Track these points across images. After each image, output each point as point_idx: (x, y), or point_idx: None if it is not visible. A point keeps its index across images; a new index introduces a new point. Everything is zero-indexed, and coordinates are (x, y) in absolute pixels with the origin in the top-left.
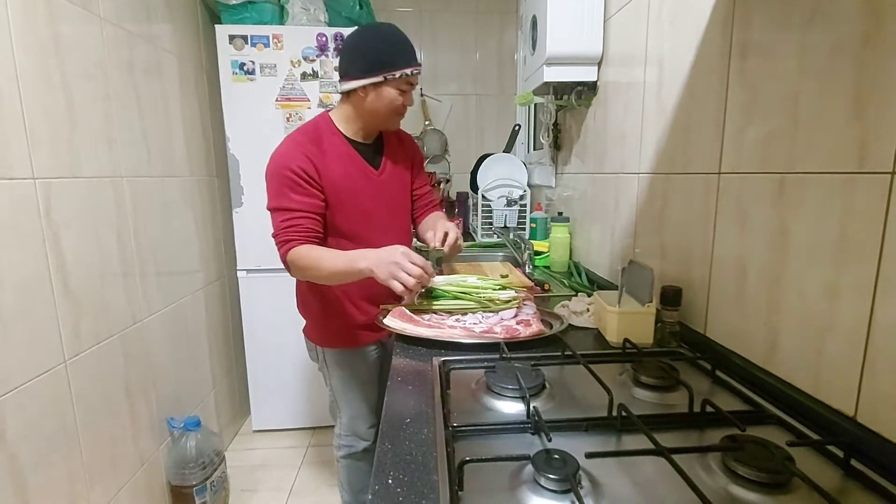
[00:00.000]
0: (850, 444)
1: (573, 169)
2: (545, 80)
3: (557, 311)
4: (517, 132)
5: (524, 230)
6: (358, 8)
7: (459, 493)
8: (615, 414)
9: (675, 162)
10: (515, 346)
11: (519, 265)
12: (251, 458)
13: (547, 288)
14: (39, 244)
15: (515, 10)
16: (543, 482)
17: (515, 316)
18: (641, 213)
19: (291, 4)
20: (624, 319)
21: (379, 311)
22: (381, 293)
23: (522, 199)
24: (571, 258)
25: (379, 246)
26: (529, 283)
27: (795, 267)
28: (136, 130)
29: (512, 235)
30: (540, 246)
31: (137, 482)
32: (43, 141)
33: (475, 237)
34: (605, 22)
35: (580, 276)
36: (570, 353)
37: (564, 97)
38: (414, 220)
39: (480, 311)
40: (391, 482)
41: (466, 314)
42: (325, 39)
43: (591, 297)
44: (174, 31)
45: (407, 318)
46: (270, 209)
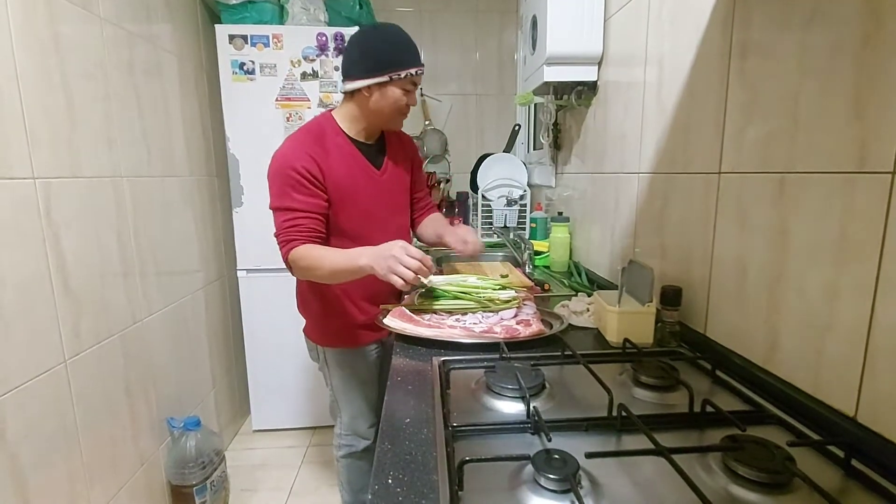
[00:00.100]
0: (850, 444)
1: (573, 169)
2: (545, 79)
3: (557, 310)
4: (517, 132)
5: (524, 230)
6: (358, 8)
7: (459, 492)
8: (615, 414)
9: (675, 162)
10: (515, 345)
11: (519, 265)
12: (251, 457)
13: (547, 288)
14: (40, 244)
15: (515, 9)
16: (543, 482)
17: (515, 316)
18: (641, 212)
19: (291, 4)
20: (624, 319)
21: (379, 310)
22: (381, 293)
23: (522, 198)
24: (571, 258)
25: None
26: (529, 282)
27: (796, 267)
28: (136, 130)
29: (512, 235)
30: (540, 246)
31: (137, 482)
32: (43, 141)
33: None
34: (605, 22)
35: (580, 275)
36: (570, 352)
37: (564, 97)
38: (412, 221)
39: (480, 310)
40: (391, 482)
41: (466, 314)
42: (325, 39)
43: (591, 296)
44: (174, 30)
45: (407, 317)
46: (273, 209)
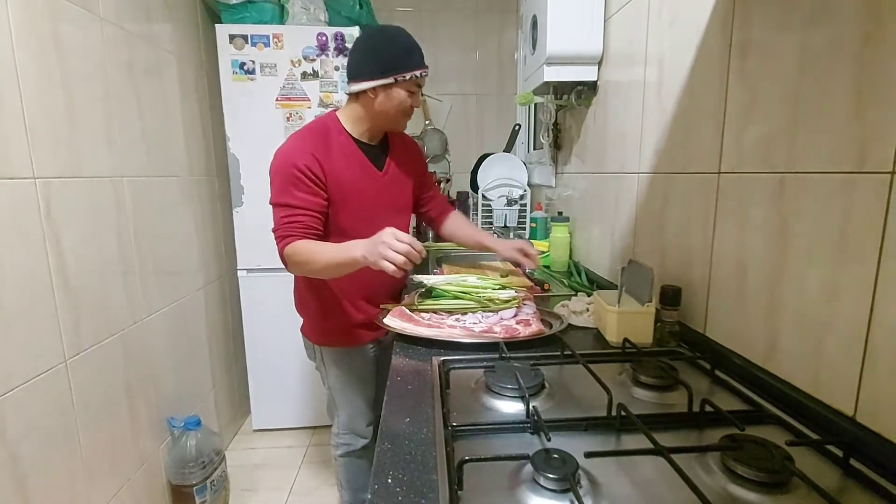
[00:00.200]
0: (849, 443)
1: (573, 168)
2: (545, 79)
3: (557, 310)
4: (517, 132)
5: (524, 230)
6: (358, 7)
7: (459, 492)
8: (614, 413)
9: (675, 162)
10: (515, 345)
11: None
12: (251, 457)
13: (547, 287)
14: (40, 244)
15: (515, 9)
16: (542, 482)
17: (515, 315)
18: (641, 212)
19: (291, 4)
20: (623, 319)
21: (376, 309)
22: (378, 292)
23: (522, 198)
24: (571, 258)
25: None
26: (529, 282)
27: (795, 266)
28: (136, 130)
29: (512, 235)
30: (540, 245)
31: (137, 481)
32: (43, 141)
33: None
34: (605, 21)
35: (580, 275)
36: (569, 352)
37: (564, 97)
38: (432, 221)
39: (480, 310)
40: (391, 482)
41: (466, 314)
42: (325, 39)
43: (590, 296)
44: (174, 30)
45: (407, 317)
46: (273, 204)
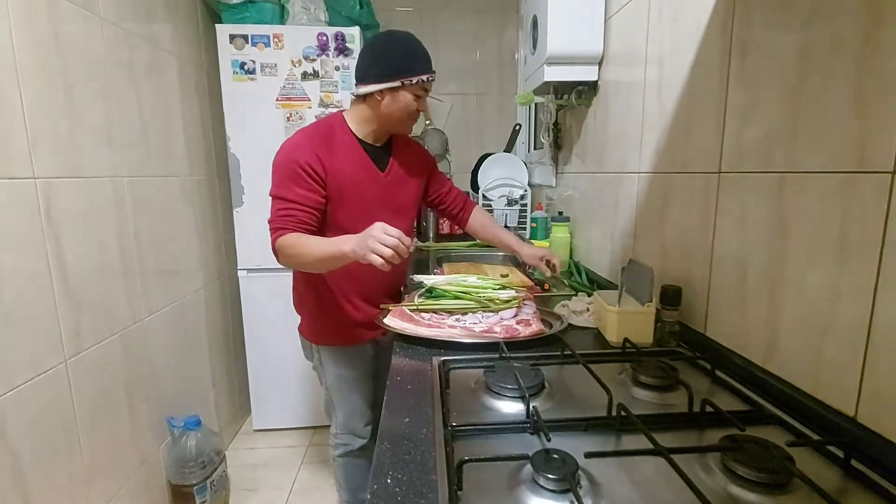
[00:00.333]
0: (850, 444)
1: (573, 168)
2: (546, 79)
3: (557, 310)
4: (518, 132)
5: (525, 230)
6: (358, 7)
7: (458, 492)
8: (614, 414)
9: (675, 161)
10: (515, 345)
11: (519, 264)
12: (251, 457)
13: (547, 287)
14: (40, 244)
15: (516, 9)
16: (542, 482)
17: (515, 315)
18: (642, 212)
19: (292, 4)
20: (624, 319)
21: (374, 309)
22: (376, 291)
23: (523, 198)
24: (572, 258)
25: None
26: (529, 282)
27: (795, 266)
28: (136, 130)
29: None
30: (540, 245)
31: (138, 481)
32: (43, 141)
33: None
34: (605, 21)
35: (580, 275)
36: (569, 352)
37: (565, 97)
38: (455, 217)
39: (480, 310)
40: (390, 482)
41: (466, 314)
42: (325, 39)
43: (591, 296)
44: (174, 30)
45: (407, 317)
46: (271, 195)
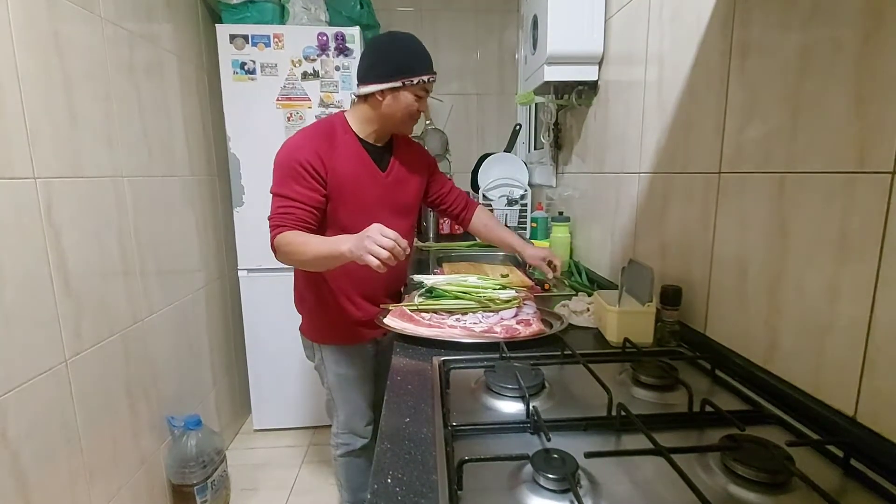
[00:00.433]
0: (849, 443)
1: (574, 168)
2: (546, 79)
3: (557, 310)
4: (518, 132)
5: (525, 230)
6: (358, 7)
7: (458, 492)
8: (614, 413)
9: (675, 161)
10: (515, 345)
11: (519, 264)
12: (252, 457)
13: (547, 287)
14: (40, 244)
15: (516, 9)
16: (542, 482)
17: (515, 315)
18: (642, 212)
19: (292, 4)
20: (624, 319)
21: (375, 308)
22: (377, 290)
23: (523, 198)
24: (572, 257)
25: None
26: (530, 282)
27: (795, 266)
28: (136, 130)
29: None
30: (541, 245)
31: (138, 481)
32: (44, 141)
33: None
34: (605, 21)
35: (580, 275)
36: (569, 352)
37: (565, 96)
38: (457, 217)
39: (480, 310)
40: (390, 481)
41: (466, 314)
42: (325, 39)
43: (591, 296)
44: (175, 30)
45: (407, 317)
46: (272, 193)
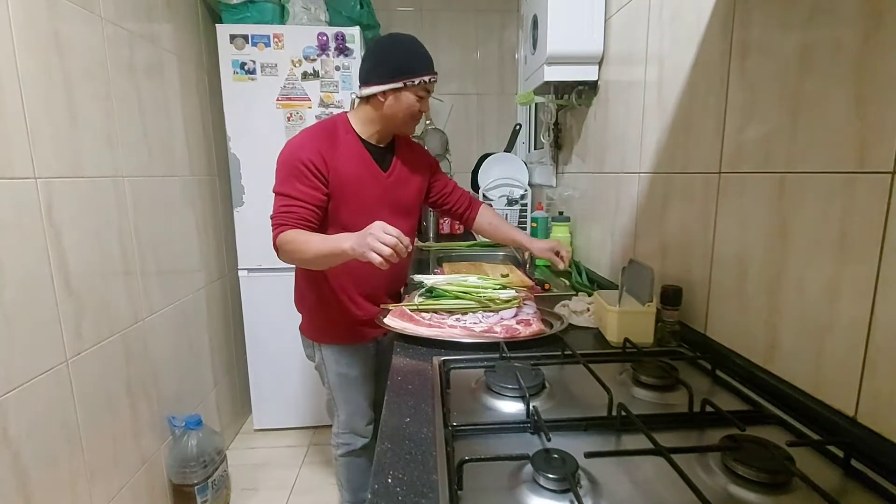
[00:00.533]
0: (850, 444)
1: (574, 168)
2: (546, 79)
3: (558, 310)
4: (518, 131)
5: (525, 230)
6: (359, 7)
7: (459, 492)
8: (615, 413)
9: (675, 161)
10: (515, 345)
11: (519, 264)
12: (252, 456)
13: (547, 287)
14: (41, 244)
15: (516, 9)
16: (542, 482)
17: (515, 315)
18: (642, 212)
19: (292, 4)
20: (624, 319)
21: (375, 307)
22: (377, 289)
23: (523, 198)
24: (572, 257)
25: None
26: (530, 282)
27: (796, 266)
28: (137, 130)
29: None
30: None
31: (139, 480)
32: (44, 141)
33: (476, 236)
34: (605, 21)
35: (581, 275)
36: (570, 352)
37: (565, 96)
38: (461, 216)
39: (480, 310)
40: (391, 481)
41: (466, 314)
42: (325, 39)
43: (591, 296)
44: (175, 30)
45: (407, 317)
46: (275, 192)
